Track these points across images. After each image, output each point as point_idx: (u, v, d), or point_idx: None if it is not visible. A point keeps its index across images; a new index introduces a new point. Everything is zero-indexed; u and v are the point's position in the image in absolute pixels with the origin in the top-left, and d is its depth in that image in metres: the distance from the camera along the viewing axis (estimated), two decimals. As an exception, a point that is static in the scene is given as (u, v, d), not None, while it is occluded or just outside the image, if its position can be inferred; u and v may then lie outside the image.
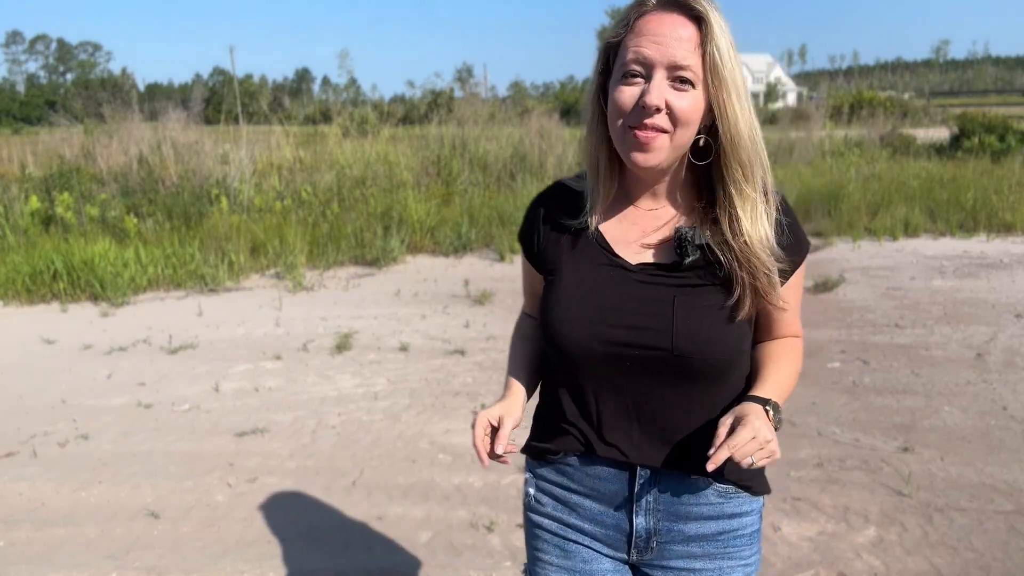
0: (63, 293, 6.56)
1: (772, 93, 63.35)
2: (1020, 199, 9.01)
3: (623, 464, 1.18)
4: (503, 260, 7.62)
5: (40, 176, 9.14)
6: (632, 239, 1.18)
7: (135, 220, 7.85)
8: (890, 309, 5.56)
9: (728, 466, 1.17)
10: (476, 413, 1.19)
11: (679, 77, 1.05)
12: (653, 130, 1.06)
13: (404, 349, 4.99)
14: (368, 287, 6.79)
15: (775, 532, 2.73)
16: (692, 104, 1.06)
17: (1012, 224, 8.42)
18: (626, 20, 1.10)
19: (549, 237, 1.23)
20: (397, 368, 4.66)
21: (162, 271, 6.95)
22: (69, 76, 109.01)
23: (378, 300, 6.31)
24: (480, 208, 8.69)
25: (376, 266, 7.50)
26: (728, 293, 1.11)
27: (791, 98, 69.71)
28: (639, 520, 1.20)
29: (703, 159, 1.12)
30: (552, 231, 1.23)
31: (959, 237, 8.19)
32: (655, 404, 1.15)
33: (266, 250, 7.47)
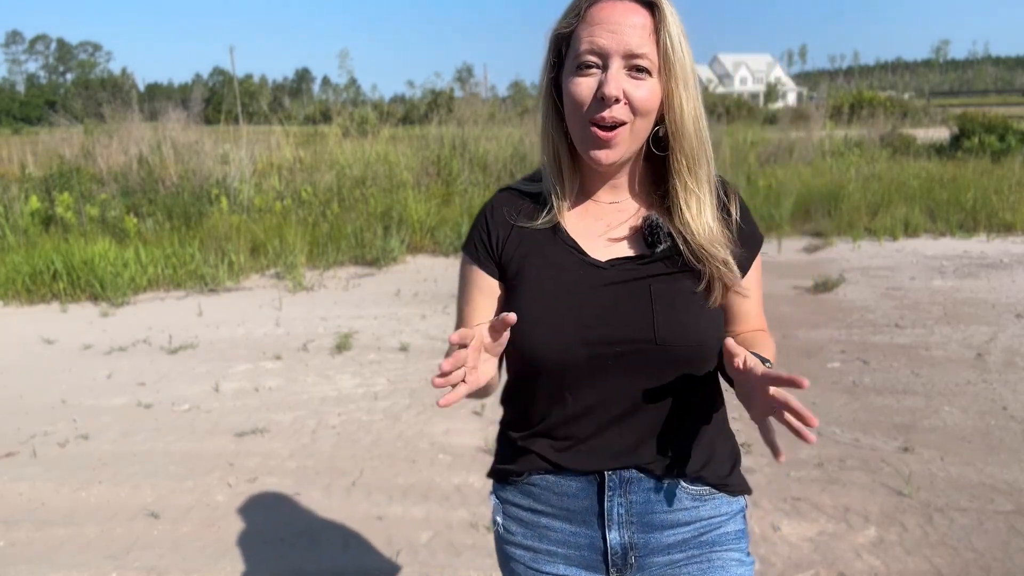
0: (63, 293, 6.56)
1: (772, 93, 63.37)
2: (1020, 199, 9.00)
3: (592, 473, 1.13)
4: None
5: (40, 176, 9.14)
6: (598, 234, 1.14)
7: (135, 220, 7.85)
8: (890, 309, 5.56)
9: (697, 465, 1.14)
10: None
11: (636, 66, 1.02)
12: (613, 124, 1.03)
13: (404, 349, 4.99)
14: (368, 287, 6.79)
15: (775, 532, 2.73)
16: (650, 93, 1.03)
17: (1012, 224, 8.42)
18: (577, 9, 1.06)
19: (508, 241, 1.15)
20: (397, 368, 4.66)
21: (162, 271, 6.95)
22: (69, 76, 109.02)
23: (378, 300, 6.31)
24: (480, 208, 8.68)
25: (376, 266, 7.50)
26: (698, 279, 1.10)
27: (791, 98, 69.74)
28: (612, 535, 1.14)
29: (662, 149, 1.10)
30: (511, 235, 1.16)
31: (959, 237, 8.19)
32: (633, 402, 1.10)
33: (266, 250, 7.47)
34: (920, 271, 6.71)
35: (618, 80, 1.02)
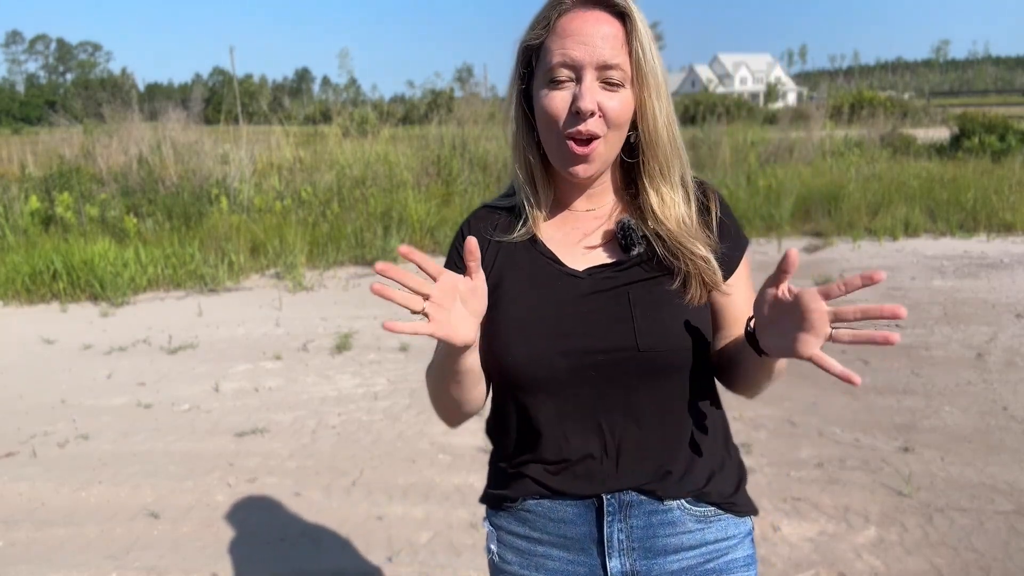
0: (63, 293, 6.56)
1: (772, 93, 63.39)
2: (1020, 199, 9.00)
3: (589, 497, 1.08)
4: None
5: (40, 176, 9.14)
6: (574, 243, 1.12)
7: (135, 220, 7.85)
8: (890, 309, 5.56)
9: (700, 482, 1.08)
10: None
11: (609, 79, 1.00)
12: (589, 138, 1.02)
13: (404, 349, 4.99)
14: (368, 287, 6.79)
15: (775, 532, 2.73)
16: (623, 105, 1.02)
17: (1012, 224, 8.42)
18: (546, 20, 1.03)
19: (486, 255, 1.12)
20: (397, 368, 4.66)
21: (162, 271, 6.95)
22: (69, 76, 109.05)
23: (378, 300, 6.29)
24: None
25: (376, 266, 7.50)
26: (676, 280, 1.07)
27: (791, 98, 69.74)
28: (613, 563, 1.08)
29: (635, 156, 1.09)
30: (488, 248, 1.13)
31: (959, 237, 8.18)
32: (624, 416, 1.06)
33: (266, 250, 7.47)
34: (920, 271, 6.71)
35: (593, 93, 1.00)
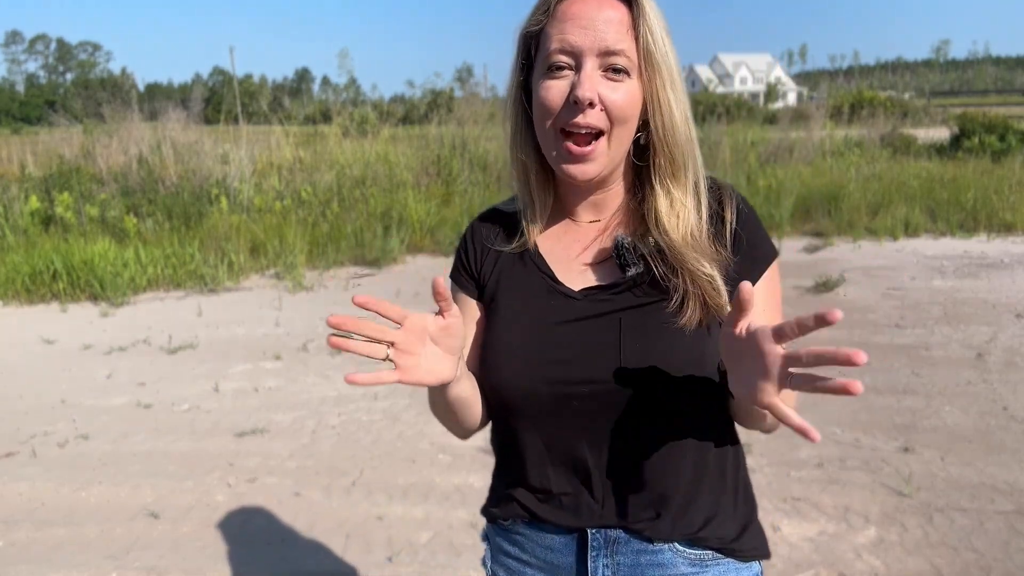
0: (63, 293, 6.55)
1: (772, 93, 63.36)
2: (1020, 199, 9.00)
3: (574, 530, 1.01)
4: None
5: (40, 176, 9.14)
6: (573, 257, 1.03)
7: (135, 220, 7.85)
8: (890, 309, 5.56)
9: (695, 525, 0.99)
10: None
11: (612, 66, 0.91)
12: (589, 134, 0.92)
13: (404, 349, 4.99)
14: (368, 287, 6.79)
15: (775, 532, 2.73)
16: (629, 96, 0.92)
17: (1012, 224, 8.42)
18: (546, 5, 0.95)
19: (485, 262, 1.06)
20: (397, 368, 4.65)
21: (162, 271, 6.94)
22: (69, 76, 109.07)
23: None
24: (480, 208, 8.65)
25: (376, 266, 7.50)
26: (673, 303, 0.95)
27: (791, 98, 69.75)
28: None
29: (645, 158, 0.98)
30: (487, 256, 1.07)
31: (959, 237, 8.18)
32: (612, 451, 0.97)
33: (266, 250, 7.47)
34: (920, 271, 6.70)
35: (593, 81, 0.91)
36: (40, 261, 6.71)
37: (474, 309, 1.08)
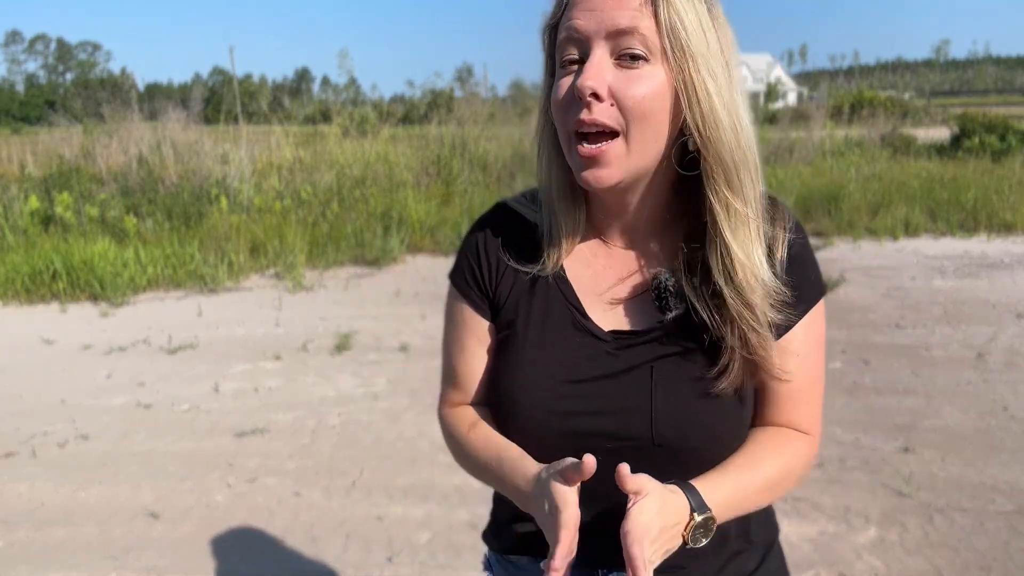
0: (63, 293, 6.55)
1: (772, 93, 63.33)
2: (1021, 199, 9.00)
3: (582, 571, 0.93)
4: (503, 260, 7.62)
5: (40, 176, 9.15)
6: (605, 289, 0.90)
7: (135, 220, 7.85)
8: (891, 309, 5.56)
9: (718, 564, 0.93)
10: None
11: (627, 51, 0.76)
12: (598, 133, 0.78)
13: (404, 349, 4.99)
14: (368, 287, 6.79)
15: (776, 532, 2.73)
16: (648, 85, 0.77)
17: (1013, 224, 8.42)
18: None
19: (501, 282, 0.93)
20: (397, 368, 4.65)
21: (162, 271, 6.94)
22: (69, 76, 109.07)
23: (378, 300, 6.31)
24: (480, 208, 8.68)
25: (376, 266, 7.50)
26: (719, 357, 0.84)
27: (791, 98, 69.75)
28: None
29: (692, 167, 0.82)
30: (504, 275, 0.93)
31: (960, 237, 8.18)
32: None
33: (266, 250, 7.47)
34: (921, 271, 6.70)
35: (599, 69, 0.77)
36: (40, 261, 6.70)
37: (483, 330, 0.96)
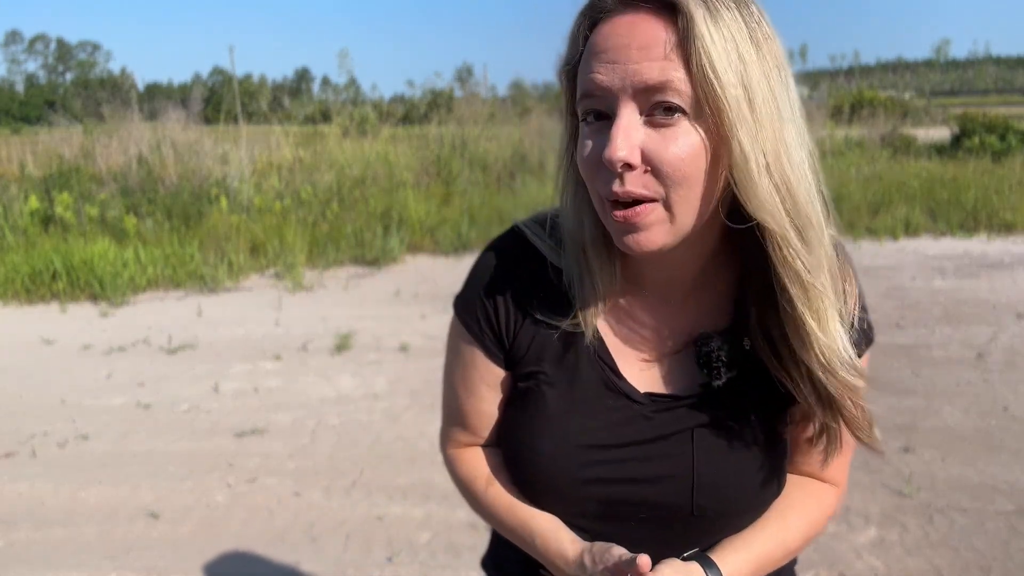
0: (62, 293, 6.55)
1: (772, 93, 63.31)
2: (1021, 199, 9.00)
3: None
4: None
5: (39, 176, 9.13)
6: (641, 345, 0.83)
7: (134, 220, 7.85)
8: (891, 309, 5.55)
9: None
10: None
11: (661, 104, 0.67)
12: (633, 201, 0.69)
13: (404, 349, 4.99)
14: (368, 287, 6.79)
15: (776, 532, 2.72)
16: (683, 145, 0.67)
17: (1013, 224, 8.42)
18: (577, 34, 0.73)
19: (521, 332, 0.84)
20: (397, 368, 4.65)
21: (161, 271, 6.94)
22: (68, 76, 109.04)
23: (378, 300, 6.31)
24: (480, 208, 8.70)
25: (376, 266, 7.50)
26: (774, 424, 0.81)
27: (791, 98, 69.65)
28: None
29: (742, 219, 0.72)
30: (523, 325, 0.84)
31: (960, 237, 8.18)
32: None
33: (266, 250, 7.47)
34: (921, 271, 6.70)
35: (628, 134, 0.67)
36: (40, 261, 6.70)
37: (495, 377, 0.88)
